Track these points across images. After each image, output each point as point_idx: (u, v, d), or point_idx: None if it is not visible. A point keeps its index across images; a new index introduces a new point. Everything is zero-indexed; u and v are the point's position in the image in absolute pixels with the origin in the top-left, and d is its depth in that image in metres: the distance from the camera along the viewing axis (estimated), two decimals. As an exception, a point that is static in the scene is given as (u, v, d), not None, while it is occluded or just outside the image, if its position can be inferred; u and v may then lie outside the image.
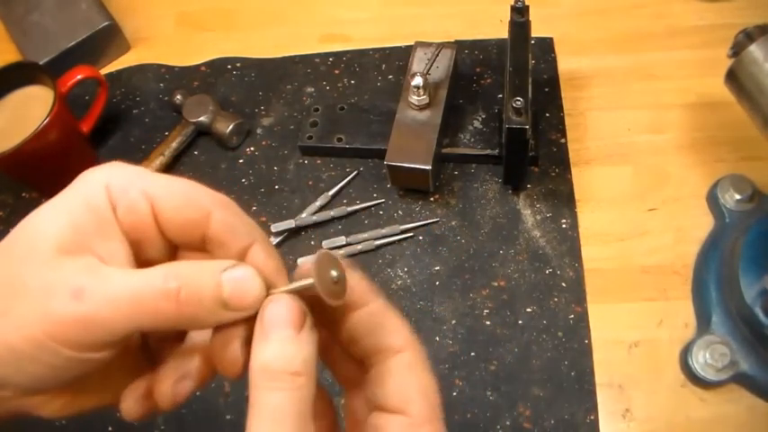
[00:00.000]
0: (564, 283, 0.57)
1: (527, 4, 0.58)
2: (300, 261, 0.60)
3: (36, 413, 0.29)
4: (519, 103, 0.52)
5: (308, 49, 0.72)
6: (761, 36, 0.49)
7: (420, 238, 0.60)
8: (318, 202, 0.62)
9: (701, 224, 0.58)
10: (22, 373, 0.26)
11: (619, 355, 0.54)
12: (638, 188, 0.61)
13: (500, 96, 0.66)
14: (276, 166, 0.66)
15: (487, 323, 0.56)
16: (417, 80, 0.59)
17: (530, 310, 0.56)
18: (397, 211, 0.62)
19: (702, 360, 0.50)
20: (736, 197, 0.56)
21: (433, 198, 0.62)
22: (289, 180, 0.65)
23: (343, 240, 0.60)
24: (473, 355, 0.55)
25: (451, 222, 0.61)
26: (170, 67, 0.73)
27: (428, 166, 0.58)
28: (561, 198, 0.61)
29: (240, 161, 0.67)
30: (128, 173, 0.28)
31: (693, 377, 0.51)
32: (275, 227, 0.61)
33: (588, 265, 0.57)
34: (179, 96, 0.68)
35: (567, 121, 0.64)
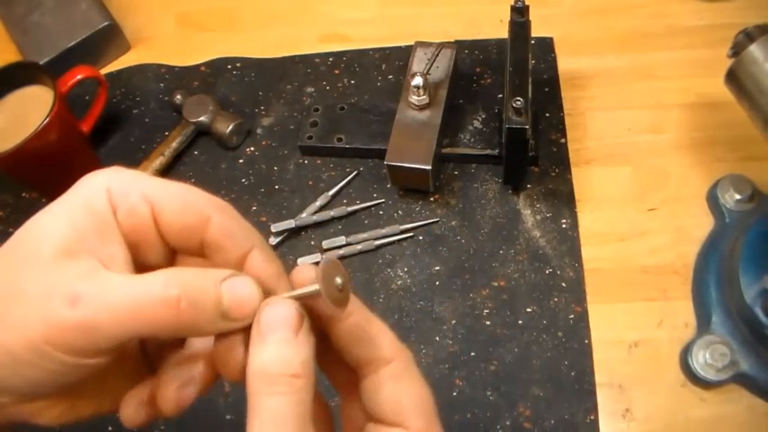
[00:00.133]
0: (564, 283, 0.57)
1: (527, 4, 0.58)
2: (300, 261, 0.60)
3: (34, 421, 0.28)
4: (519, 103, 0.52)
5: (308, 49, 0.72)
6: (761, 36, 0.49)
7: (420, 238, 0.61)
8: (318, 202, 0.63)
9: (701, 224, 0.58)
10: (19, 378, 0.25)
11: (619, 355, 0.54)
12: (637, 188, 0.61)
13: (500, 96, 0.66)
14: (276, 166, 0.66)
15: (487, 323, 0.56)
16: (417, 80, 0.59)
17: (530, 310, 0.56)
18: (397, 211, 0.62)
19: (702, 360, 0.51)
20: (736, 197, 0.56)
21: (433, 198, 0.62)
22: (289, 180, 0.65)
23: (343, 240, 0.60)
24: (473, 355, 0.55)
25: (451, 222, 0.61)
26: (170, 67, 0.73)
27: (428, 166, 0.58)
28: (561, 198, 0.61)
29: (240, 161, 0.67)
30: (128, 176, 0.28)
31: (693, 377, 0.51)
32: (275, 227, 0.61)
33: (588, 265, 0.57)
34: (179, 96, 0.68)
35: (567, 121, 0.64)
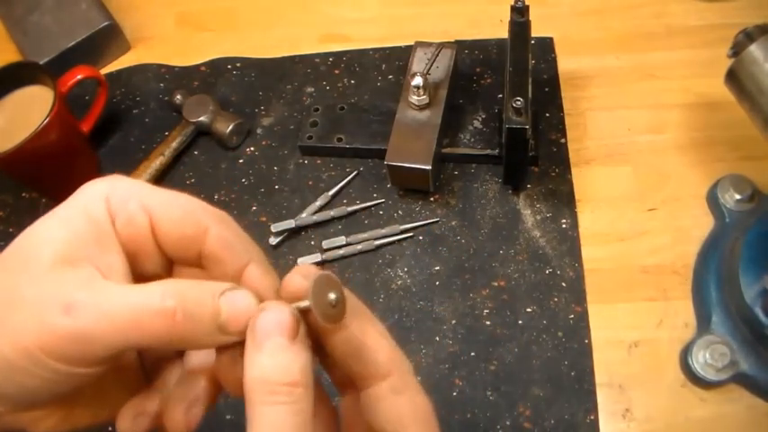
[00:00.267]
0: (564, 283, 0.57)
1: (527, 4, 0.58)
2: (300, 261, 0.60)
3: (31, 430, 0.28)
4: (519, 103, 0.52)
5: (308, 49, 0.72)
6: (761, 36, 0.49)
7: (420, 238, 0.60)
8: (318, 202, 0.62)
9: (701, 224, 0.58)
10: (13, 385, 0.25)
11: (619, 355, 0.54)
12: (637, 188, 0.61)
13: (500, 96, 0.66)
14: (276, 166, 0.66)
15: (487, 323, 0.56)
16: (417, 80, 0.59)
17: (530, 310, 0.56)
18: (397, 211, 0.62)
19: (702, 360, 0.50)
20: (736, 197, 0.56)
21: (433, 198, 0.62)
22: (289, 180, 0.65)
23: (343, 240, 0.60)
24: (473, 355, 0.55)
25: (451, 222, 0.61)
26: (170, 67, 0.73)
27: (428, 166, 0.58)
28: (561, 198, 0.61)
29: (240, 161, 0.67)
30: (128, 186, 0.28)
31: (693, 377, 0.51)
32: (275, 227, 0.61)
33: (588, 265, 0.57)
34: (179, 96, 0.68)
35: (567, 121, 0.64)
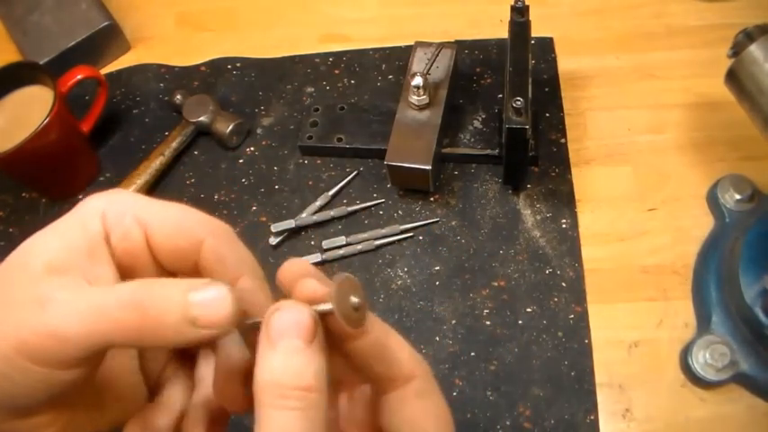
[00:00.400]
0: (564, 283, 0.57)
1: (527, 4, 0.58)
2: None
3: None
4: (519, 103, 0.52)
5: (308, 49, 0.72)
6: (761, 36, 0.49)
7: (420, 238, 0.60)
8: (318, 202, 0.62)
9: (700, 224, 0.58)
10: None
11: (619, 355, 0.54)
12: (637, 188, 0.61)
13: (500, 96, 0.66)
14: (276, 166, 0.66)
15: (487, 323, 0.56)
16: (417, 80, 0.59)
17: (530, 310, 0.56)
18: (397, 211, 0.62)
19: (702, 360, 0.50)
20: (736, 197, 0.56)
21: (433, 198, 0.62)
22: (289, 180, 0.65)
23: (343, 240, 0.60)
24: (473, 355, 0.55)
25: (451, 222, 0.61)
26: (170, 67, 0.73)
27: (428, 166, 0.58)
28: (561, 198, 0.61)
29: (240, 161, 0.67)
30: (124, 200, 0.28)
31: (693, 377, 0.51)
32: (275, 227, 0.61)
33: (588, 265, 0.57)
34: (179, 96, 0.68)
35: (567, 121, 0.64)
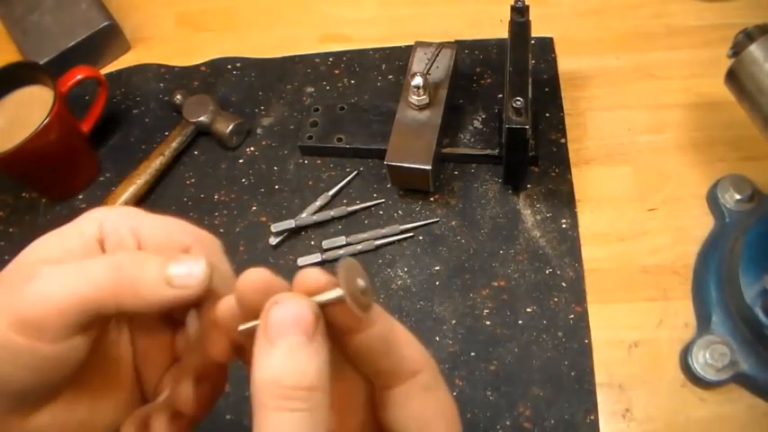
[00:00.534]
0: (564, 283, 0.57)
1: (527, 4, 0.58)
2: (300, 261, 0.60)
3: None
4: (519, 103, 0.52)
5: (308, 49, 0.72)
6: (761, 36, 0.49)
7: (420, 238, 0.60)
8: (318, 202, 0.62)
9: (700, 224, 0.58)
10: None
11: (619, 355, 0.54)
12: (638, 188, 0.61)
13: (500, 96, 0.66)
14: (276, 166, 0.66)
15: (487, 323, 0.56)
16: (417, 80, 0.59)
17: (530, 310, 0.56)
18: (397, 211, 0.62)
19: (702, 360, 0.50)
20: (736, 197, 0.56)
21: (433, 198, 0.62)
22: (289, 180, 0.65)
23: (343, 240, 0.60)
24: (473, 355, 0.55)
25: (451, 222, 0.61)
26: (170, 67, 0.73)
27: (428, 166, 0.58)
28: (561, 198, 0.61)
29: (240, 161, 0.67)
30: (120, 212, 0.30)
31: (693, 377, 0.51)
32: (275, 227, 0.61)
33: (588, 265, 0.57)
34: (179, 96, 0.68)
35: (567, 121, 0.64)
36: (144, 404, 0.32)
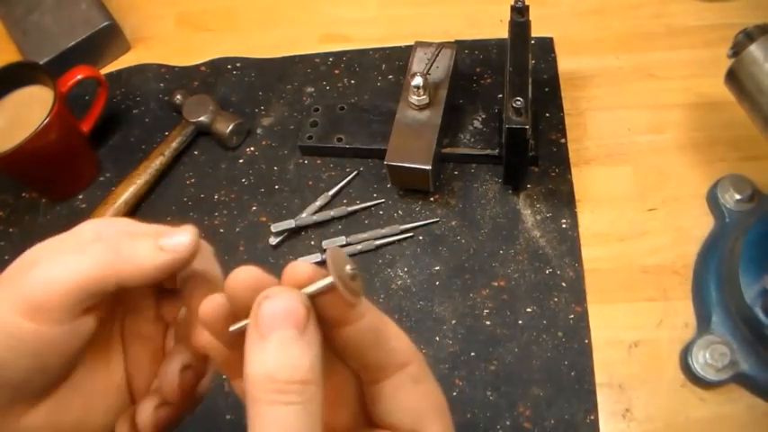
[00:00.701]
0: (564, 283, 0.57)
1: (527, 4, 0.58)
2: (301, 261, 0.60)
3: None
4: (519, 103, 0.52)
5: (308, 49, 0.72)
6: (761, 36, 0.49)
7: (420, 238, 0.60)
8: (318, 202, 0.62)
9: (700, 224, 0.58)
10: None
11: (619, 355, 0.54)
12: (638, 188, 0.61)
13: (500, 96, 0.66)
14: (276, 166, 0.66)
15: (487, 323, 0.56)
16: (417, 80, 0.59)
17: (530, 310, 0.56)
18: (397, 211, 0.62)
19: (702, 360, 0.50)
20: (736, 197, 0.56)
21: (433, 198, 0.62)
22: (289, 180, 0.65)
23: (343, 240, 0.60)
24: (473, 355, 0.55)
25: (451, 222, 0.61)
26: (170, 67, 0.73)
27: (428, 166, 0.58)
28: (561, 198, 0.61)
29: (240, 161, 0.67)
30: (117, 220, 0.32)
31: (693, 377, 0.51)
32: (275, 227, 0.61)
33: (588, 265, 0.57)
34: (179, 96, 0.68)
35: (567, 121, 0.64)
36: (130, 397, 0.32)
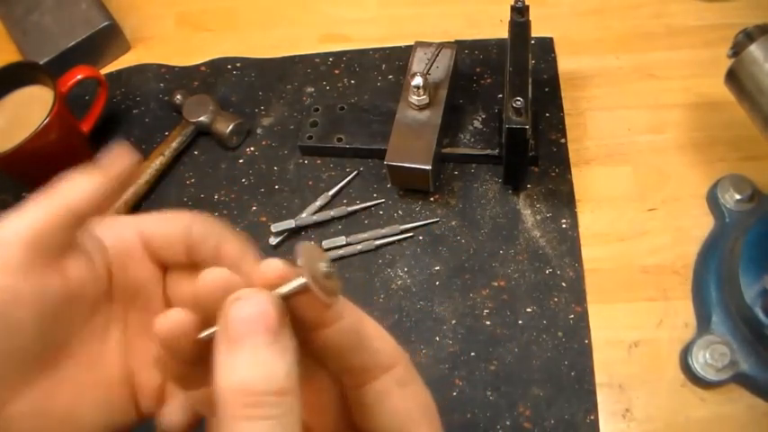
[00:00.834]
0: (564, 283, 0.57)
1: (527, 4, 0.58)
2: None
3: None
4: (519, 103, 0.52)
5: (308, 49, 0.72)
6: (761, 36, 0.49)
7: (420, 238, 0.60)
8: (318, 202, 0.62)
9: (701, 224, 0.58)
10: None
11: (619, 355, 0.54)
12: (638, 188, 0.61)
13: (500, 96, 0.66)
14: (276, 166, 0.66)
15: (487, 323, 0.56)
16: (417, 80, 0.59)
17: (530, 310, 0.56)
18: (397, 211, 0.62)
19: (702, 360, 0.50)
20: (736, 197, 0.56)
21: (433, 198, 0.62)
22: (289, 180, 0.65)
23: (343, 240, 0.60)
24: (473, 355, 0.55)
25: (451, 222, 0.61)
26: (170, 67, 0.73)
27: (428, 166, 0.58)
28: (561, 198, 0.61)
29: (240, 161, 0.67)
30: (121, 222, 0.31)
31: (693, 377, 0.51)
32: (275, 227, 0.61)
33: (588, 265, 0.57)
34: (179, 96, 0.68)
35: (567, 121, 0.64)
36: (138, 411, 0.30)
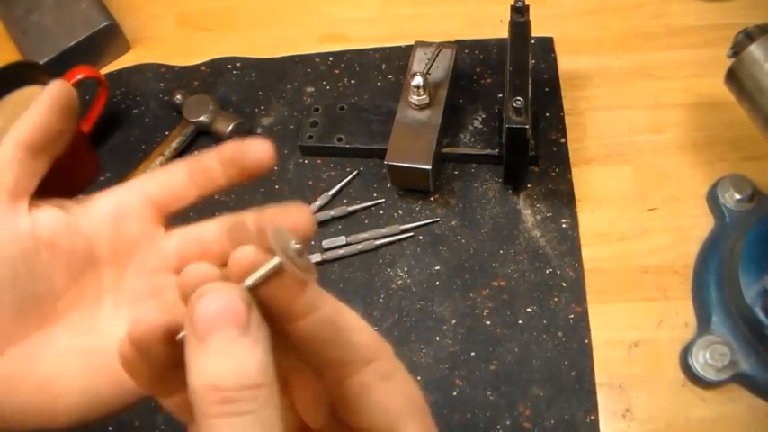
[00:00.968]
0: (564, 283, 0.57)
1: (527, 4, 0.58)
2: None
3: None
4: (519, 102, 0.52)
5: (307, 49, 0.72)
6: (761, 36, 0.49)
7: (420, 238, 0.60)
8: (318, 202, 0.62)
9: (700, 224, 0.58)
10: None
11: (619, 355, 0.54)
12: (638, 188, 0.61)
13: (500, 96, 0.66)
14: (276, 166, 0.66)
15: (487, 323, 0.56)
16: (417, 80, 0.59)
17: (530, 310, 0.56)
18: (397, 211, 0.62)
19: (702, 360, 0.51)
20: (736, 197, 0.56)
21: (433, 198, 0.62)
22: (289, 180, 0.65)
23: (343, 240, 0.60)
24: (473, 355, 0.55)
25: (451, 222, 0.61)
26: (170, 67, 0.73)
27: (428, 166, 0.58)
28: (561, 198, 0.61)
29: (240, 161, 0.67)
30: (127, 187, 0.34)
31: (693, 377, 0.51)
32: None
33: (588, 265, 0.57)
34: (179, 96, 0.68)
35: (567, 121, 0.64)
36: (134, 389, 0.27)
